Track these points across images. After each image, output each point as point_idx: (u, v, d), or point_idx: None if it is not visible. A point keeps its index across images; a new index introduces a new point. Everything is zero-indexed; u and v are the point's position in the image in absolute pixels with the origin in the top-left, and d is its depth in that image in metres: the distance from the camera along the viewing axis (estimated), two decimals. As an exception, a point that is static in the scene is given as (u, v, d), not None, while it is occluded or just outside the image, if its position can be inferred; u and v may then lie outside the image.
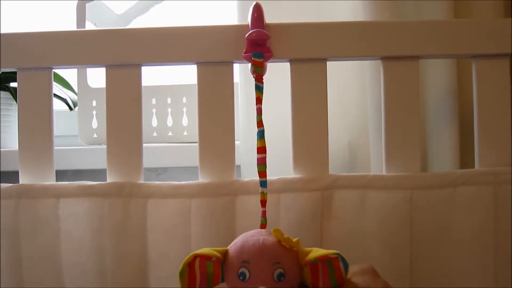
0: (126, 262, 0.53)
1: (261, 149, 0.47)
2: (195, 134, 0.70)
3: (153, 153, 0.79)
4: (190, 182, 0.54)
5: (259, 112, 0.48)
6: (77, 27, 0.83)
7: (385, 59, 0.55)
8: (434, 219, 0.52)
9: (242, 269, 0.40)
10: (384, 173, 0.54)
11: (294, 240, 0.42)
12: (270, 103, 0.51)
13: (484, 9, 0.67)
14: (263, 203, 0.46)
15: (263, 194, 0.46)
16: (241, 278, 0.41)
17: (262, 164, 0.47)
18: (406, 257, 0.52)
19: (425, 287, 0.52)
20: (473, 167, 0.55)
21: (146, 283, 0.54)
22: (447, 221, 0.52)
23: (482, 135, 0.55)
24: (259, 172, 0.47)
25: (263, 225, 0.46)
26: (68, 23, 0.94)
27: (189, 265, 0.42)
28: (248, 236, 0.43)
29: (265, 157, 0.47)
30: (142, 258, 0.53)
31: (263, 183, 0.47)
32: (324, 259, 0.41)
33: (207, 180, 0.54)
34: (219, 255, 0.42)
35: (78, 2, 0.84)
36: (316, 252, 0.41)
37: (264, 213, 0.46)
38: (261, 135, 0.47)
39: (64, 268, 0.54)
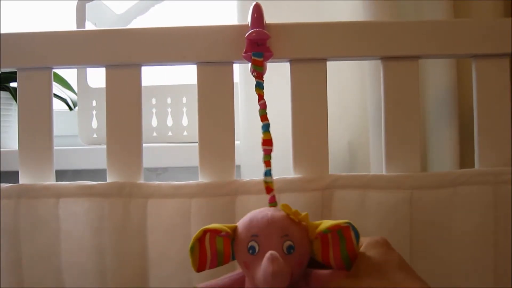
0: (126, 262, 0.53)
1: (267, 142, 0.46)
2: (195, 134, 0.70)
3: (153, 153, 0.79)
4: (190, 182, 0.54)
5: (263, 107, 0.47)
6: (77, 27, 0.83)
7: (385, 59, 0.55)
8: (434, 219, 0.52)
9: (252, 243, 0.40)
10: (384, 173, 0.54)
11: (302, 214, 0.41)
12: (270, 103, 0.51)
13: (484, 9, 0.67)
14: (268, 190, 0.45)
15: (268, 183, 0.45)
16: (250, 252, 0.40)
17: (267, 154, 0.46)
18: (406, 257, 0.52)
19: (425, 287, 0.52)
20: (473, 167, 0.55)
21: (146, 283, 0.54)
22: (447, 221, 0.52)
23: (482, 135, 0.55)
24: (264, 162, 0.46)
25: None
26: (68, 23, 0.94)
27: (199, 242, 0.41)
28: (257, 212, 0.42)
29: (271, 149, 0.46)
30: (142, 258, 0.53)
31: (268, 172, 0.45)
32: (335, 229, 0.40)
33: (207, 180, 0.54)
34: (228, 230, 0.41)
35: (78, 2, 0.84)
36: (327, 223, 0.40)
37: (273, 197, 0.45)
38: (266, 128, 0.46)
39: (64, 268, 0.54)
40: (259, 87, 0.49)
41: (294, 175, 0.54)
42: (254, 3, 0.52)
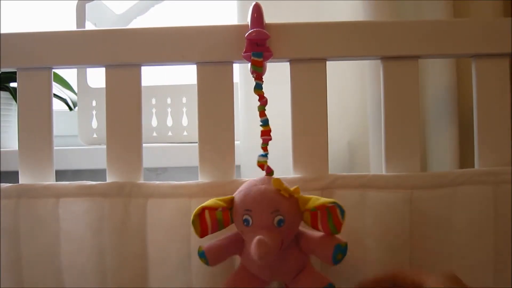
0: (126, 262, 0.53)
1: (266, 133, 0.49)
2: (195, 134, 0.70)
3: (153, 153, 0.79)
4: (190, 182, 0.54)
5: (264, 104, 0.49)
6: (77, 27, 0.83)
7: (384, 59, 0.55)
8: (433, 218, 0.52)
9: (246, 216, 0.45)
10: (383, 173, 0.54)
11: (293, 188, 0.45)
12: (270, 103, 0.51)
13: (483, 9, 0.67)
14: (262, 167, 0.48)
15: (261, 162, 0.48)
16: (245, 224, 0.45)
17: (265, 143, 0.49)
18: (406, 256, 0.52)
19: (425, 287, 0.52)
20: (473, 167, 0.55)
21: (146, 283, 0.54)
22: (447, 221, 0.52)
23: (482, 135, 0.55)
24: (262, 148, 0.49)
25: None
26: (68, 23, 0.94)
27: (199, 216, 0.46)
28: (252, 184, 0.46)
29: (270, 139, 0.49)
30: (142, 258, 0.53)
31: (264, 155, 0.49)
32: (322, 208, 0.44)
33: (207, 180, 0.54)
34: (224, 205, 0.46)
35: (78, 2, 0.84)
36: (315, 201, 0.44)
37: (269, 168, 0.48)
38: (265, 122, 0.49)
39: (64, 268, 0.54)
40: (258, 88, 0.49)
41: (294, 175, 0.54)
42: (253, 3, 0.52)
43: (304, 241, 0.47)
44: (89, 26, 0.87)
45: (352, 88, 0.70)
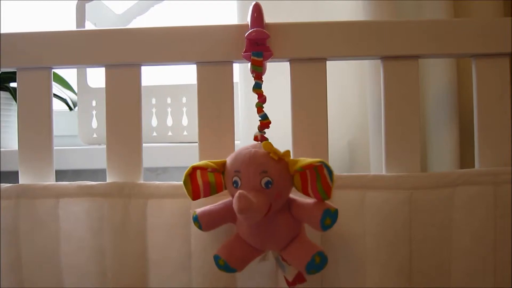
0: (126, 262, 0.53)
1: (265, 125, 0.49)
2: (195, 134, 0.70)
3: (153, 153, 0.79)
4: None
5: (263, 101, 0.49)
6: (77, 27, 0.83)
7: (385, 58, 0.55)
8: (434, 219, 0.52)
9: (235, 178, 0.45)
10: (384, 173, 0.54)
11: (283, 151, 0.45)
12: (270, 103, 0.51)
13: (483, 9, 0.67)
14: (256, 139, 0.48)
15: (257, 134, 0.49)
16: (234, 185, 0.45)
17: (263, 130, 0.49)
18: (406, 257, 0.52)
19: (425, 287, 0.52)
20: (473, 167, 0.55)
21: (146, 283, 0.54)
22: (447, 221, 0.52)
23: (482, 135, 0.55)
24: (259, 134, 0.49)
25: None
26: (68, 23, 0.94)
27: (191, 177, 0.47)
28: (243, 148, 0.47)
29: (268, 127, 0.49)
30: (142, 258, 0.53)
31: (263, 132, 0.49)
32: (309, 167, 0.44)
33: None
34: (214, 165, 0.46)
35: (77, 2, 0.84)
36: (303, 161, 0.44)
37: (263, 136, 0.49)
38: (264, 117, 0.49)
39: (64, 268, 0.54)
40: (257, 87, 0.49)
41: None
42: (253, 2, 0.52)
43: (295, 207, 0.47)
44: (89, 26, 0.87)
45: (352, 88, 0.70)
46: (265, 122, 0.49)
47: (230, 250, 0.48)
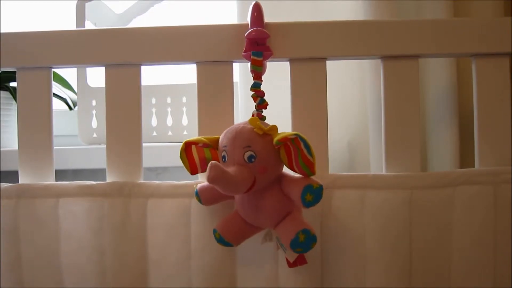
0: (126, 262, 0.53)
1: (262, 106, 0.49)
2: (195, 134, 0.70)
3: (153, 152, 0.79)
4: (190, 181, 0.54)
5: (261, 95, 0.49)
6: (77, 27, 0.83)
7: (385, 58, 0.55)
8: (434, 219, 0.52)
9: (223, 153, 0.47)
10: (384, 173, 0.54)
11: (269, 127, 0.46)
12: (269, 103, 0.51)
13: (483, 9, 0.67)
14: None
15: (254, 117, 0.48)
16: (223, 160, 0.47)
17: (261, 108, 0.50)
18: (406, 257, 0.52)
19: (425, 287, 0.52)
20: (473, 167, 0.55)
21: (146, 283, 0.54)
22: (447, 221, 0.52)
23: (482, 134, 0.55)
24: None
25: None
26: (68, 23, 0.94)
27: (186, 152, 0.49)
28: (235, 125, 0.48)
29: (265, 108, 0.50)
30: (142, 257, 0.53)
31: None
32: (285, 140, 0.44)
33: (207, 180, 0.54)
34: (206, 141, 0.48)
35: (77, 2, 0.84)
36: (280, 135, 0.44)
37: (259, 114, 0.49)
38: (262, 102, 0.49)
39: (64, 268, 0.53)
40: (256, 87, 0.49)
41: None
42: (253, 2, 0.52)
43: (283, 182, 0.47)
44: (89, 25, 0.87)
45: (352, 88, 0.70)
46: (262, 105, 0.49)
47: (226, 224, 0.49)
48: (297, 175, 0.46)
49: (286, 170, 0.48)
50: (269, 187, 0.47)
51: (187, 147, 0.49)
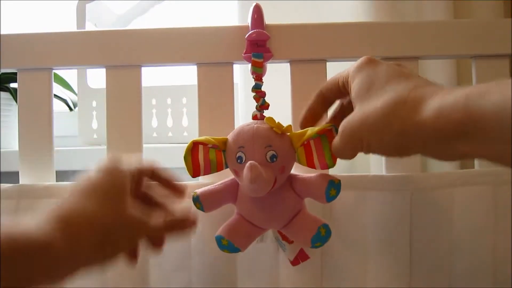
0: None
1: (264, 106, 0.49)
2: (195, 135, 0.70)
3: (153, 153, 0.79)
4: (190, 182, 0.54)
5: (263, 95, 0.49)
6: (77, 28, 0.83)
7: (385, 59, 0.55)
8: (434, 219, 0.52)
9: (239, 154, 0.45)
10: (383, 173, 0.54)
11: (285, 126, 0.45)
12: (270, 103, 0.51)
13: (484, 10, 0.67)
14: (256, 118, 0.48)
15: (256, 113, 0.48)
16: (238, 161, 0.45)
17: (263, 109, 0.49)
18: (406, 257, 0.52)
19: (425, 287, 0.52)
20: (473, 167, 0.55)
21: (146, 283, 0.54)
22: (447, 221, 0.52)
23: (482, 135, 0.55)
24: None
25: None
26: (68, 24, 0.94)
27: (192, 153, 0.48)
28: (244, 125, 0.46)
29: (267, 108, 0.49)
30: (142, 257, 0.53)
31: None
32: (323, 133, 0.43)
33: (207, 180, 0.54)
34: (215, 142, 0.46)
35: (78, 3, 0.84)
36: (313, 129, 0.44)
37: (262, 115, 0.48)
38: (263, 102, 0.49)
39: (65, 269, 0.53)
40: (257, 88, 0.49)
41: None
42: (254, 4, 0.52)
43: (298, 183, 0.46)
44: (89, 26, 0.87)
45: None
46: (264, 105, 0.49)
47: (233, 229, 0.47)
48: (305, 174, 0.46)
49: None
50: (282, 187, 0.46)
51: (194, 147, 0.48)
